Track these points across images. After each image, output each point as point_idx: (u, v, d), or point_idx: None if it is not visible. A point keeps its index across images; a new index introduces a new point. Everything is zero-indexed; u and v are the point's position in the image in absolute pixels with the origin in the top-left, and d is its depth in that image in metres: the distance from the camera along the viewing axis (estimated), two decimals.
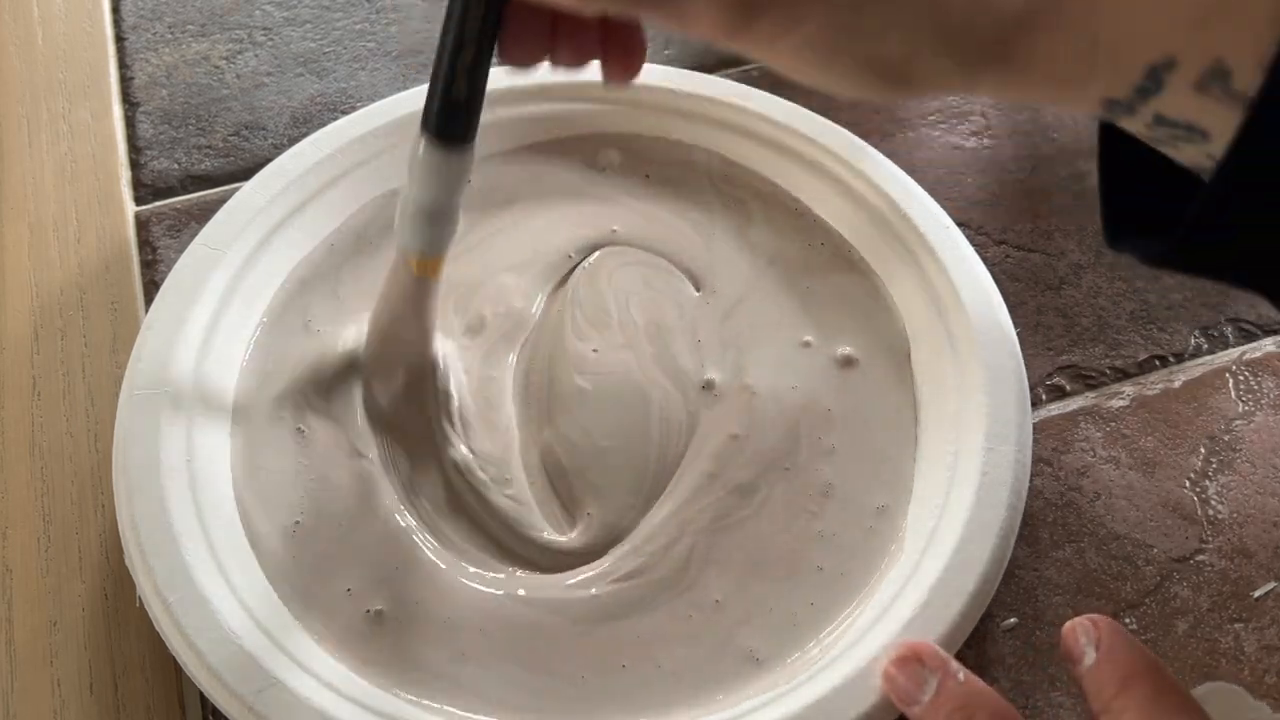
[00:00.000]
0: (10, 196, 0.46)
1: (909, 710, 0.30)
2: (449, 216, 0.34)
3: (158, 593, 0.33)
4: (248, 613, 0.33)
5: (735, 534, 0.36)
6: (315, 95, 0.50)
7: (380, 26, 0.53)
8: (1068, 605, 0.36)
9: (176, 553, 0.33)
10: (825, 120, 0.44)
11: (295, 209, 0.41)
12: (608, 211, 0.44)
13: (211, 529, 0.34)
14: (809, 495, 0.37)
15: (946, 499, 0.35)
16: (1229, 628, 0.36)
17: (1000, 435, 0.36)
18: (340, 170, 0.42)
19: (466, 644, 0.34)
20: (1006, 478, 0.35)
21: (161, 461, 0.35)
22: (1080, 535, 0.38)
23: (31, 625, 0.36)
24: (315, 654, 0.33)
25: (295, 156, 0.42)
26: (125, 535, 0.34)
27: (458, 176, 0.32)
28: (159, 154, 0.48)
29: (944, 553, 0.34)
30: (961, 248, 0.40)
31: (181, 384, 0.37)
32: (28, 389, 0.41)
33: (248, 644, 0.32)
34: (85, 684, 0.35)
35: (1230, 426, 0.40)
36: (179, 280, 0.39)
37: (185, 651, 0.32)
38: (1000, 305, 0.39)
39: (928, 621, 0.32)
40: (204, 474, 0.36)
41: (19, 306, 0.43)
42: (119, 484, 0.35)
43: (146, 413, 0.36)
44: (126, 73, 0.51)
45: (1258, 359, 0.42)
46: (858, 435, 0.38)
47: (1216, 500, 0.38)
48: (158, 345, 0.37)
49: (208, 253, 0.39)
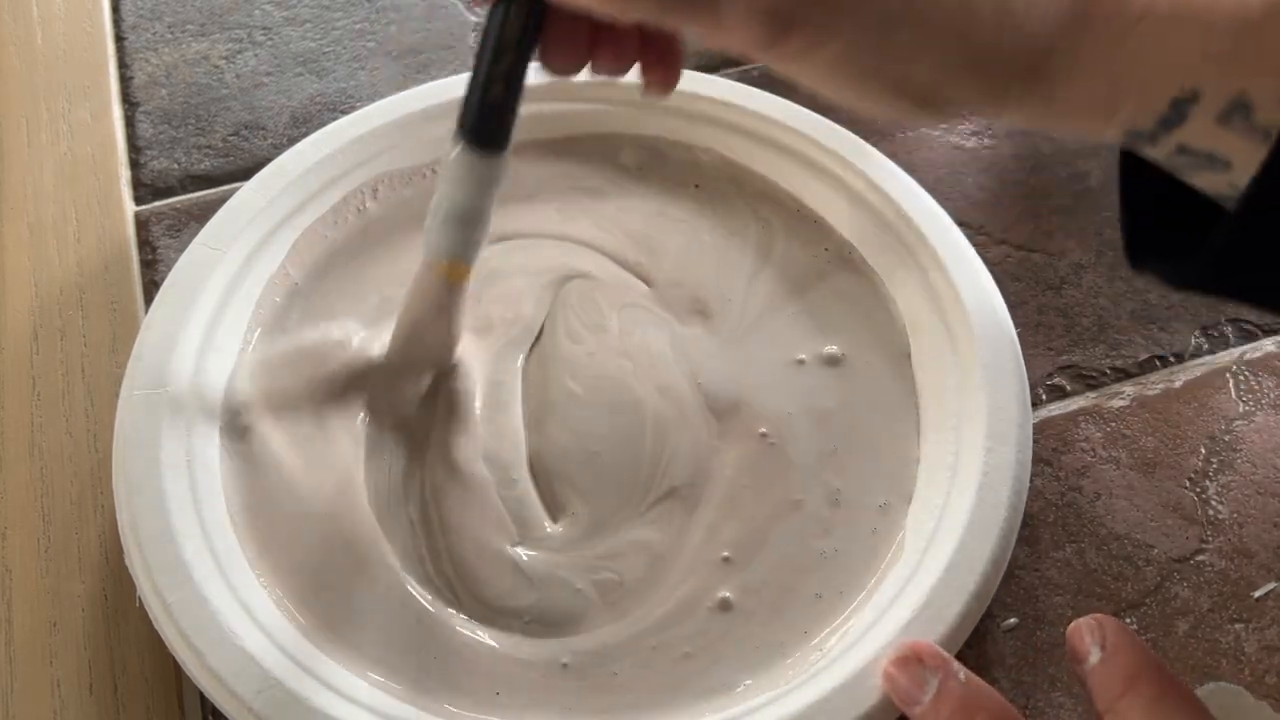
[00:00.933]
0: (10, 196, 0.46)
1: (910, 710, 0.30)
2: (481, 222, 0.33)
3: (158, 593, 0.33)
4: (247, 613, 0.33)
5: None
6: (315, 95, 0.50)
7: (380, 26, 0.52)
8: (1068, 605, 0.36)
9: (176, 553, 0.33)
10: (826, 120, 0.43)
11: (295, 209, 0.41)
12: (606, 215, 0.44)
13: (211, 529, 0.34)
14: (809, 494, 0.37)
15: (947, 499, 0.35)
16: (1229, 628, 0.36)
17: (1000, 435, 0.36)
18: (340, 170, 0.42)
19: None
20: (1007, 478, 0.35)
21: (161, 461, 0.35)
22: (1080, 535, 0.38)
23: (31, 625, 0.36)
24: (314, 655, 0.33)
25: (296, 156, 0.42)
26: (125, 535, 0.34)
27: (491, 182, 0.32)
28: (159, 154, 0.48)
29: (944, 553, 0.34)
30: (962, 248, 0.40)
31: (181, 383, 0.37)
32: (27, 389, 0.41)
33: (248, 644, 0.32)
34: (85, 684, 0.35)
35: (1230, 426, 0.40)
36: (179, 280, 0.39)
37: (185, 652, 0.32)
38: (1001, 305, 0.39)
39: (928, 622, 0.32)
40: (204, 474, 0.35)
41: (19, 306, 0.43)
42: (119, 484, 0.35)
43: (146, 412, 0.36)
44: (126, 72, 0.51)
45: (1258, 359, 0.42)
46: (857, 436, 0.38)
47: (1217, 500, 0.38)
48: (158, 345, 0.37)
49: (208, 253, 0.39)
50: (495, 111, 0.30)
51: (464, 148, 0.31)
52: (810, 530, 0.36)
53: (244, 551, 0.35)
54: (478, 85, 0.30)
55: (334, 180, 0.42)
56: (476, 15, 0.53)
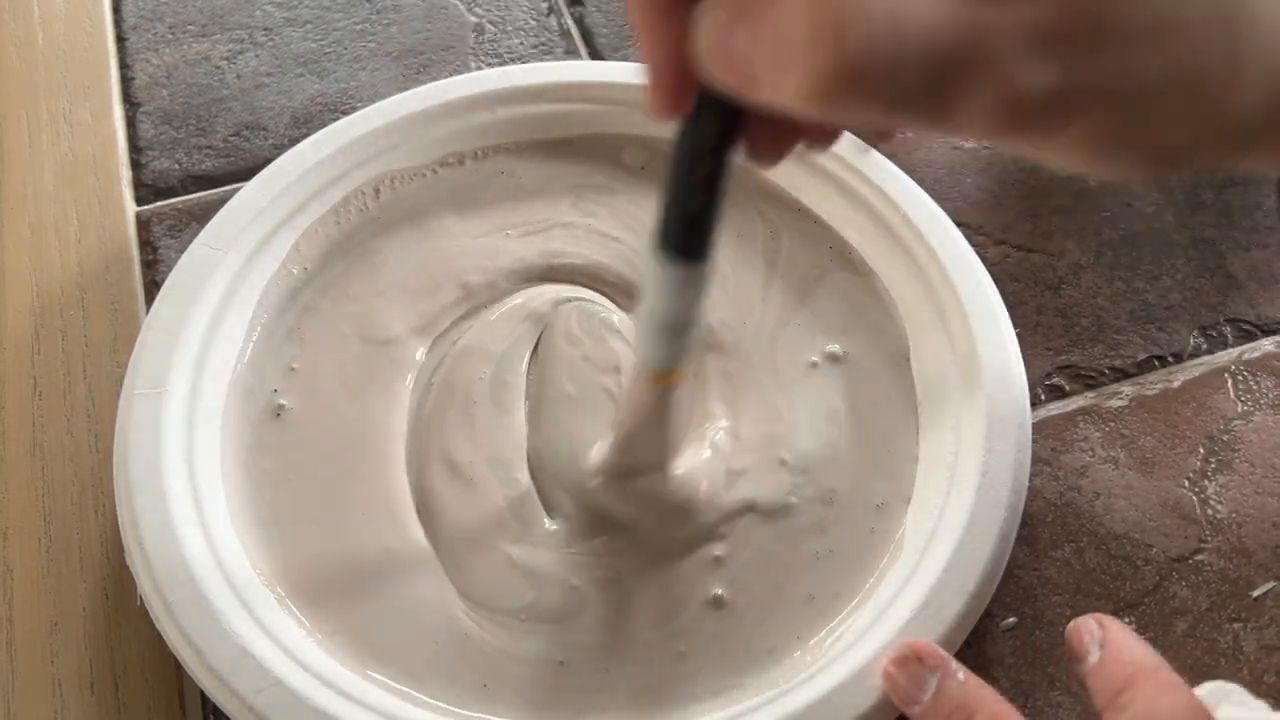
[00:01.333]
0: (10, 196, 0.46)
1: (909, 710, 0.30)
2: (688, 330, 0.32)
3: (158, 591, 0.33)
4: (249, 611, 0.33)
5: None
6: (315, 95, 0.50)
7: (380, 26, 0.53)
8: (1067, 605, 0.36)
9: (177, 551, 0.33)
10: None
11: (296, 209, 0.41)
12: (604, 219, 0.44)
13: (212, 528, 0.34)
14: (804, 493, 0.37)
15: (946, 499, 0.35)
16: (1228, 627, 0.36)
17: (1000, 435, 0.36)
18: (340, 171, 0.42)
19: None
20: (1006, 478, 0.35)
21: (162, 461, 0.35)
22: (1080, 535, 0.38)
23: (32, 625, 0.36)
24: (316, 654, 0.33)
25: (296, 157, 0.42)
26: (126, 534, 0.34)
27: (697, 291, 0.30)
28: (159, 154, 0.48)
29: (944, 553, 0.34)
30: (961, 247, 0.40)
31: (182, 384, 0.37)
32: (28, 389, 0.41)
33: (248, 643, 0.32)
34: (86, 684, 0.35)
35: (1229, 426, 0.40)
36: (180, 280, 0.39)
37: (185, 650, 0.32)
38: (999, 305, 0.39)
39: (927, 621, 0.32)
40: (204, 473, 0.36)
41: (20, 306, 0.43)
42: (119, 483, 0.35)
43: (147, 412, 0.36)
44: (127, 73, 0.51)
45: (1257, 359, 0.42)
46: (856, 436, 0.38)
47: (1215, 500, 0.38)
48: (158, 345, 0.37)
49: (209, 253, 0.40)
50: (697, 221, 0.28)
51: (667, 259, 0.29)
52: (805, 530, 0.36)
53: (245, 550, 0.35)
54: (677, 196, 0.27)
55: (335, 180, 0.42)
56: (476, 16, 0.53)
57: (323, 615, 0.34)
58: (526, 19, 0.53)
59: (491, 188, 0.44)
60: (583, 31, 0.53)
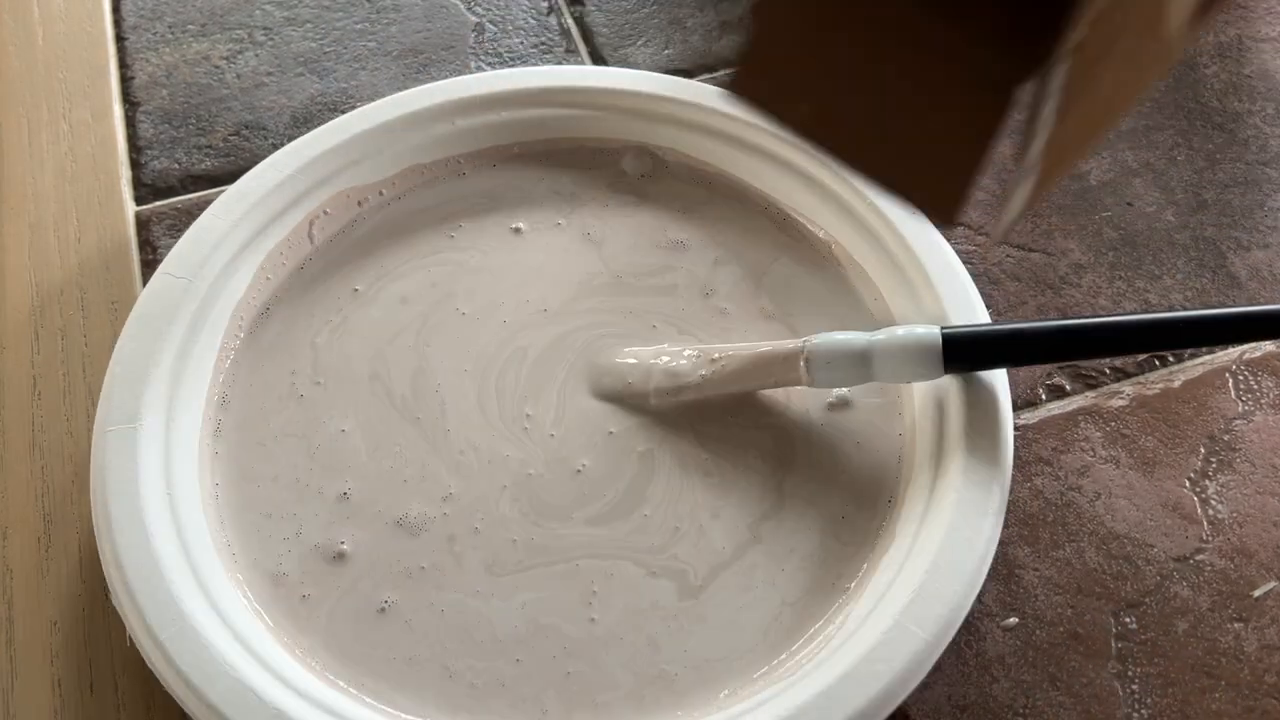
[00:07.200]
0: (10, 196, 0.46)
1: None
2: None
3: (149, 631, 0.32)
4: (243, 645, 0.32)
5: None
6: (315, 95, 0.50)
7: (380, 26, 0.53)
8: (1068, 605, 0.36)
9: (165, 589, 0.33)
10: None
11: (259, 231, 0.41)
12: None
13: (199, 564, 0.34)
14: (791, 503, 0.37)
15: (928, 505, 0.35)
16: (1229, 627, 0.36)
17: (984, 433, 0.36)
18: (302, 189, 0.42)
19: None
20: (989, 482, 0.35)
21: (141, 497, 0.34)
22: (1080, 535, 0.38)
23: (31, 625, 0.36)
24: (312, 683, 0.33)
25: (255, 178, 0.42)
26: (110, 575, 0.34)
27: None
28: (159, 154, 0.48)
29: (927, 557, 0.33)
30: (949, 259, 0.40)
31: (154, 417, 0.36)
32: (28, 388, 0.41)
33: (245, 676, 0.31)
34: (86, 684, 0.35)
35: (1230, 426, 0.40)
36: (144, 312, 0.38)
37: (182, 690, 0.31)
38: (981, 310, 0.39)
39: (915, 618, 0.32)
40: (186, 507, 0.35)
41: (19, 306, 0.43)
42: (99, 523, 0.34)
43: (121, 450, 0.35)
44: (127, 72, 0.51)
45: (1258, 359, 0.42)
46: (840, 440, 0.38)
47: (1216, 500, 0.38)
48: (127, 379, 0.37)
49: (172, 281, 0.39)
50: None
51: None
52: (778, 527, 0.36)
53: (232, 583, 0.35)
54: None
55: (296, 200, 0.42)
56: (476, 15, 0.53)
57: (315, 638, 0.34)
58: (527, 18, 0.53)
59: (464, 200, 0.44)
60: (583, 31, 0.53)
